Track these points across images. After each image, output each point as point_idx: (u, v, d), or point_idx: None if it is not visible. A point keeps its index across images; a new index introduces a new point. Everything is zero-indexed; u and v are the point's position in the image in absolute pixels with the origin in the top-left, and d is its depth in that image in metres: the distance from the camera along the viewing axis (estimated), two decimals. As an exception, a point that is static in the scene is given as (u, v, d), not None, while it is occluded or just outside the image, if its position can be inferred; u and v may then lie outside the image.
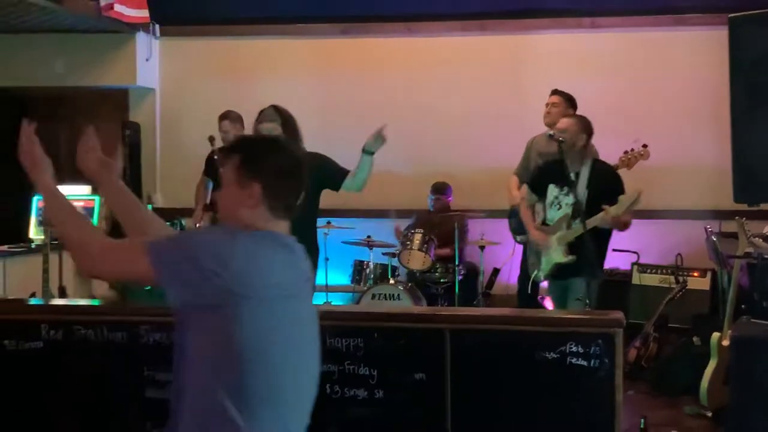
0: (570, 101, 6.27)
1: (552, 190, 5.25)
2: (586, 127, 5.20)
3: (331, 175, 4.99)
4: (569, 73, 7.40)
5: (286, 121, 5.11)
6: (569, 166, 5.05)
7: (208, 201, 6.90)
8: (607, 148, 5.84)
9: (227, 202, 2.44)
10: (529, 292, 5.89)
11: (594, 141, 5.31)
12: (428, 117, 7.97)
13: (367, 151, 4.89)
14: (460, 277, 7.19)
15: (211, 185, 6.88)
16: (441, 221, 7.42)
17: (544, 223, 5.31)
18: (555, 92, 6.39)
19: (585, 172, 5.16)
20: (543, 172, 5.54)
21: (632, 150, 5.95)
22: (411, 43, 8.20)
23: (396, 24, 8.19)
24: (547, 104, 6.32)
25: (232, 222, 2.40)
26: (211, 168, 6.88)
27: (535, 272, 5.40)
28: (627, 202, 4.87)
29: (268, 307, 2.27)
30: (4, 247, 7.14)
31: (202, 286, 2.20)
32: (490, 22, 7.99)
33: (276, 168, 2.39)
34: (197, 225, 6.87)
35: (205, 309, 2.24)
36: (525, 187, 5.68)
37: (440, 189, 7.60)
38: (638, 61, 7.70)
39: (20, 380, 3.85)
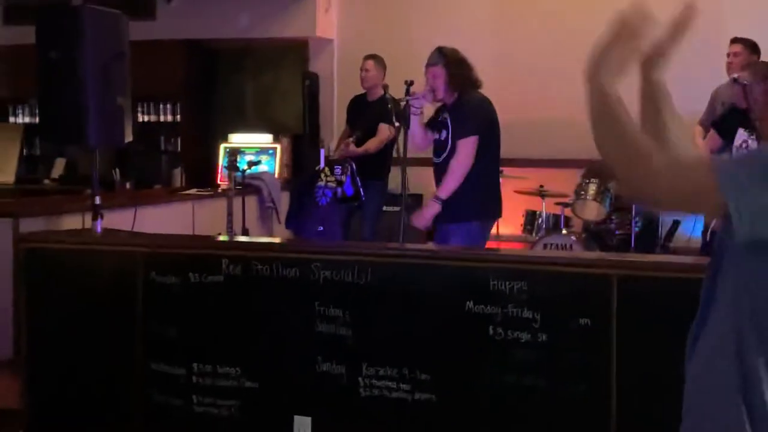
0: (753, 48, 6.00)
1: (741, 135, 5.07)
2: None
3: None
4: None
5: (449, 61, 5.15)
6: None
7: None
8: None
9: None
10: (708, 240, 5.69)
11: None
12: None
13: None
14: (637, 229, 7.01)
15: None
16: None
17: None
18: (735, 40, 6.11)
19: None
20: (730, 116, 5.35)
21: None
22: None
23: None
24: (728, 54, 6.07)
25: None
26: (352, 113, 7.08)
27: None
28: None
29: None
30: (193, 191, 7.52)
31: None
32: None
33: None
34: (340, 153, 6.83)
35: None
36: (699, 128, 5.52)
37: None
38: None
39: (201, 310, 4.09)
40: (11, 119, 9.92)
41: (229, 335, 4.05)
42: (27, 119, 9.82)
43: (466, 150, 5.04)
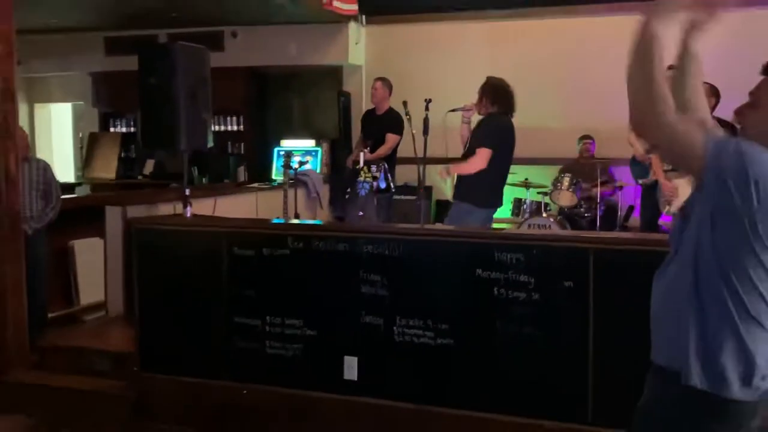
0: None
1: None
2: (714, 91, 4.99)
3: None
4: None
5: (487, 87, 5.27)
6: None
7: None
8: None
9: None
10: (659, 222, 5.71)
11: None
12: (576, 84, 7.78)
13: None
14: (601, 213, 7.07)
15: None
16: (586, 166, 7.29)
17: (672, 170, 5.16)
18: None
19: None
20: None
21: None
22: (565, 23, 7.99)
23: (554, 8, 8.00)
24: None
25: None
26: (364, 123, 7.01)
27: (667, 208, 5.28)
28: None
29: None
30: (256, 184, 7.59)
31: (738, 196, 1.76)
32: (626, 4, 7.69)
33: None
34: (354, 159, 6.68)
35: (725, 217, 1.80)
36: None
37: (586, 139, 7.50)
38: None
39: (272, 276, 4.12)
40: (111, 129, 9.98)
41: (293, 295, 4.07)
42: (123, 129, 9.90)
43: (479, 156, 5.09)
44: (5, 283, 4.67)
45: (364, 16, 8.57)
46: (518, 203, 7.51)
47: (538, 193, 7.31)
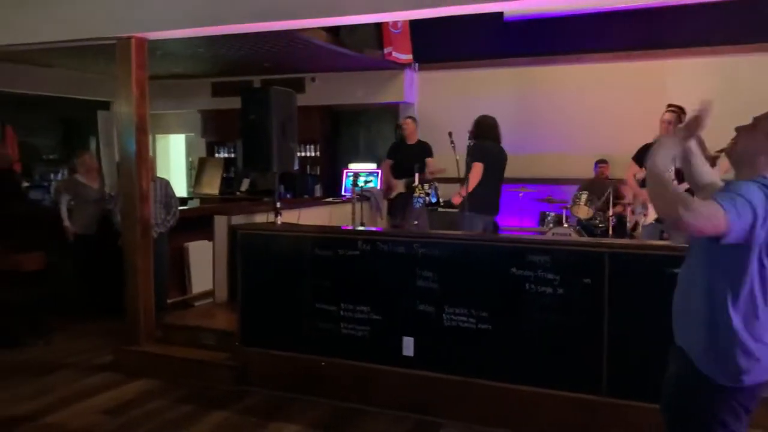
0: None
1: None
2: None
3: None
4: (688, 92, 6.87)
5: (475, 124, 5.42)
6: None
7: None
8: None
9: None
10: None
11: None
12: (593, 116, 7.70)
13: None
14: (613, 224, 6.94)
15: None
16: (600, 185, 7.18)
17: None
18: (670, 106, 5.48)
19: None
20: (646, 150, 5.27)
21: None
22: (581, 69, 7.93)
23: (565, 56, 7.95)
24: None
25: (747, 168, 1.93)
26: (395, 150, 6.96)
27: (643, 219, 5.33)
28: None
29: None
30: (329, 199, 7.68)
31: (752, 230, 1.80)
32: (635, 52, 7.61)
33: None
34: (394, 193, 6.75)
35: (735, 247, 1.82)
36: (632, 163, 5.42)
37: (602, 163, 7.40)
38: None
39: (346, 271, 4.16)
40: (216, 155, 10.21)
41: (362, 287, 4.11)
42: (225, 155, 10.09)
43: (474, 169, 5.31)
44: (139, 275, 4.84)
45: (417, 64, 8.61)
46: (543, 216, 7.44)
47: (560, 207, 7.23)
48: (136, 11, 4.73)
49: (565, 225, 6.97)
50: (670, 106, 5.46)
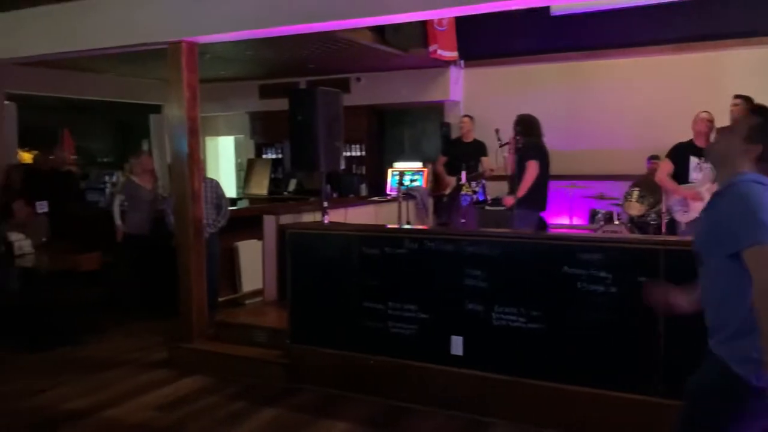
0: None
1: (692, 160, 5.00)
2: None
3: None
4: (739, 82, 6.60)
5: (517, 122, 5.34)
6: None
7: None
8: None
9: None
10: None
11: None
12: (645, 111, 7.51)
13: None
14: (666, 221, 6.74)
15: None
16: (653, 182, 6.98)
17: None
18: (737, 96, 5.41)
19: None
20: (680, 149, 5.25)
21: None
22: (632, 62, 7.73)
23: (615, 50, 7.75)
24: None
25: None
26: (450, 147, 6.95)
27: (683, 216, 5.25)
28: None
29: None
30: (375, 198, 7.70)
31: None
32: (688, 44, 7.37)
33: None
34: (448, 190, 6.74)
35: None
36: (667, 161, 5.29)
37: (655, 159, 7.20)
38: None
39: (393, 270, 4.18)
40: (263, 156, 10.35)
41: (410, 285, 4.11)
42: (273, 156, 10.21)
43: (531, 167, 5.34)
44: (191, 274, 4.96)
45: (462, 61, 8.54)
46: (594, 213, 7.27)
47: (611, 204, 7.06)
48: (186, 16, 4.84)
49: (617, 222, 6.81)
50: (737, 97, 5.30)
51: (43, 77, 7.97)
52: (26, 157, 8.83)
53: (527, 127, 5.52)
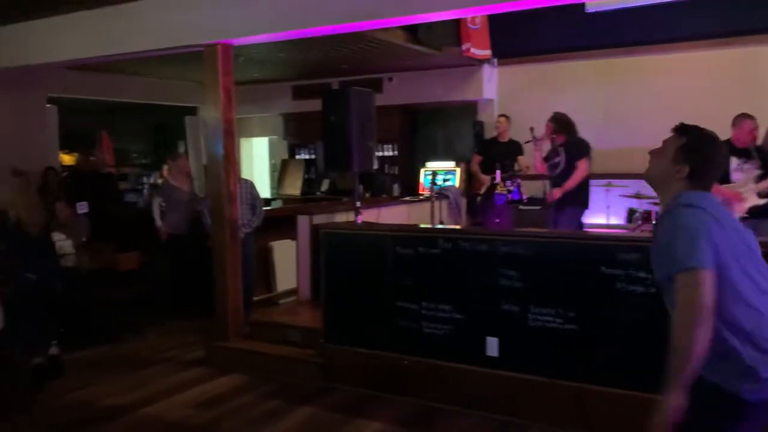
0: None
1: (733, 161, 4.89)
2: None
3: None
4: None
5: (558, 121, 5.25)
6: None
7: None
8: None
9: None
10: None
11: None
12: (684, 108, 7.31)
13: None
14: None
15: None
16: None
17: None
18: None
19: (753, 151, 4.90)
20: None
21: None
22: (670, 58, 7.58)
23: (652, 46, 7.60)
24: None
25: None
26: (486, 147, 6.91)
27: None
28: None
29: None
30: (408, 198, 7.69)
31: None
32: (729, 39, 7.18)
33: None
34: (483, 189, 6.70)
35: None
36: None
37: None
38: None
39: (427, 270, 4.16)
40: (297, 156, 10.45)
41: (444, 285, 4.09)
42: (306, 156, 10.31)
43: (582, 167, 5.39)
44: (227, 274, 5.01)
45: (495, 59, 8.49)
46: (631, 212, 7.13)
47: (649, 203, 6.91)
48: (221, 19, 4.90)
49: (654, 222, 6.66)
50: None
51: (82, 80, 8.18)
52: (67, 159, 9.07)
53: (566, 125, 5.50)
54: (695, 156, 1.95)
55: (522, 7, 4.16)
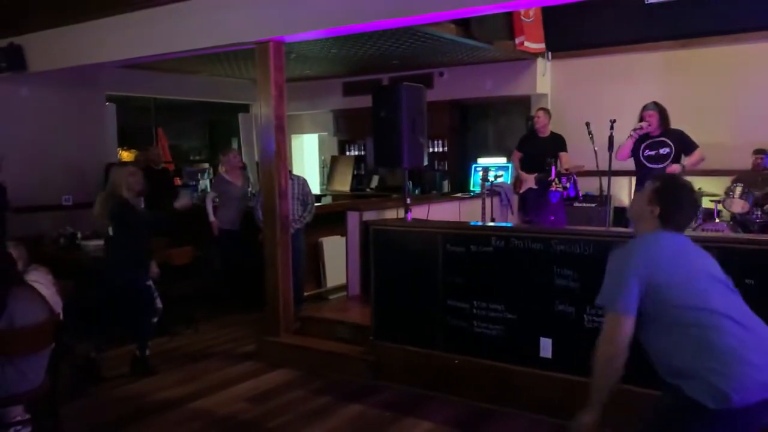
0: None
1: None
2: None
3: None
4: None
5: (662, 111, 5.03)
6: None
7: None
8: None
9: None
10: None
11: None
12: (749, 102, 7.03)
13: None
14: (774, 218, 6.29)
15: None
16: (758, 177, 6.54)
17: None
18: None
19: None
20: None
21: None
22: (734, 50, 7.24)
23: (714, 38, 7.28)
24: None
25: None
26: (525, 142, 6.71)
27: None
28: None
29: None
30: (458, 194, 7.62)
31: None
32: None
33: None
34: (524, 188, 6.52)
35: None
36: None
37: (759, 153, 6.72)
38: None
39: (479, 268, 4.10)
40: (347, 153, 10.48)
41: (496, 284, 4.03)
42: (356, 153, 10.33)
43: (699, 152, 5.27)
44: (278, 269, 5.05)
45: (549, 53, 8.30)
46: (691, 210, 6.87)
47: (711, 201, 6.65)
48: (273, 16, 4.93)
49: (717, 220, 6.42)
50: None
51: (138, 79, 8.39)
52: (125, 156, 9.33)
53: (666, 116, 5.30)
54: (665, 199, 2.20)
55: (578, -2, 4.04)
